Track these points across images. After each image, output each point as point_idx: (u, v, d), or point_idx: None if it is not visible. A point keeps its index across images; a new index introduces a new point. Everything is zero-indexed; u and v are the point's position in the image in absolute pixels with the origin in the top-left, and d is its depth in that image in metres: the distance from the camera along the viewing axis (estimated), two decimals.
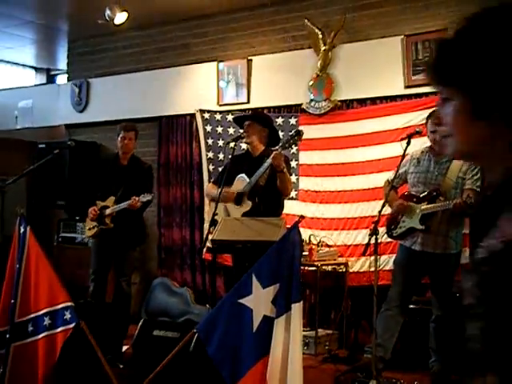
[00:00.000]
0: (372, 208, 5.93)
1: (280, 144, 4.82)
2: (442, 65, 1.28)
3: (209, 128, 7.15)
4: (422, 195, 4.69)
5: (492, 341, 1.20)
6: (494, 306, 1.22)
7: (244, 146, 5.38)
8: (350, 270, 6.12)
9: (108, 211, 5.46)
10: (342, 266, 6.15)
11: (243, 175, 4.94)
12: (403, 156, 4.64)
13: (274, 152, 4.66)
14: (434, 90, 4.68)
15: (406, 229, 4.74)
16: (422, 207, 4.63)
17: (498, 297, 1.20)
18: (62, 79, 10.14)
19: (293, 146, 5.88)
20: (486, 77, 1.19)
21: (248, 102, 6.99)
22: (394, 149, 5.65)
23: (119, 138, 5.59)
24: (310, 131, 6.42)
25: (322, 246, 6.17)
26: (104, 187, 5.58)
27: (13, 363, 3.94)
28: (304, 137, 6.21)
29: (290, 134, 5.03)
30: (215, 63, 7.21)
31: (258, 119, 5.16)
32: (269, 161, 4.70)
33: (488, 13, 1.24)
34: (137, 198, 5.24)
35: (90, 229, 5.61)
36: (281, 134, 5.93)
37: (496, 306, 1.21)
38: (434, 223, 4.60)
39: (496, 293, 1.20)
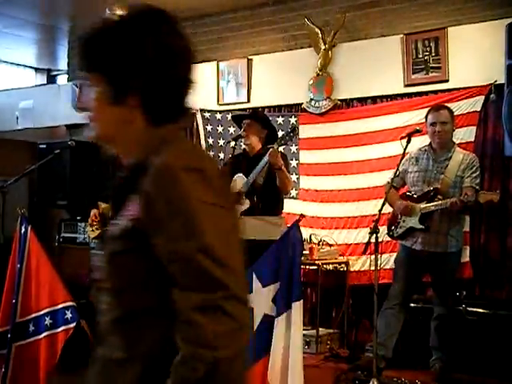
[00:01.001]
0: (372, 207, 5.93)
1: (277, 141, 4.80)
2: (87, 52, 1.45)
3: (209, 127, 7.15)
4: (420, 194, 4.69)
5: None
6: (119, 282, 1.31)
7: (244, 145, 5.37)
8: (351, 269, 6.12)
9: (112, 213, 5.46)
10: (342, 265, 6.15)
11: (241, 175, 4.94)
12: (403, 155, 4.65)
13: (270, 149, 4.64)
14: (434, 89, 4.70)
15: (406, 229, 4.75)
16: (421, 207, 4.63)
17: (123, 273, 1.29)
18: (62, 79, 10.14)
19: (289, 144, 5.86)
20: (121, 65, 1.35)
21: (248, 102, 6.99)
22: (395, 147, 5.65)
23: None
24: (310, 130, 6.44)
25: (322, 245, 6.17)
26: (105, 187, 5.59)
27: (14, 363, 3.96)
28: (304, 136, 6.26)
29: (286, 130, 5.03)
30: (215, 63, 7.21)
31: (258, 118, 5.16)
32: (265, 159, 4.69)
33: (128, 13, 1.44)
34: None
35: (93, 230, 5.61)
36: (281, 133, 5.94)
37: (120, 282, 1.31)
38: (433, 222, 4.60)
39: (121, 268, 1.28)
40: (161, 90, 1.39)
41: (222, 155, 6.93)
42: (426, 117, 4.78)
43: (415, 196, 4.74)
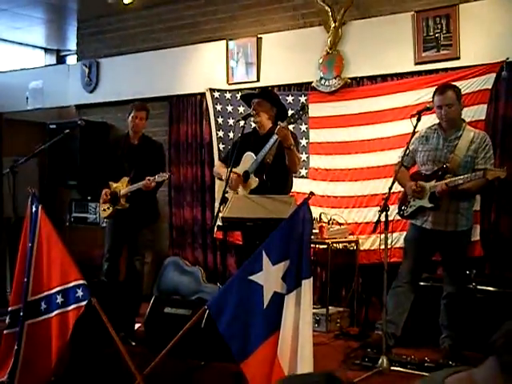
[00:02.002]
0: (383, 186, 5.92)
1: (286, 119, 4.77)
2: None
3: (219, 107, 7.14)
4: (430, 173, 4.67)
5: None
6: None
7: (254, 124, 5.36)
8: (361, 248, 6.13)
9: (123, 191, 5.48)
10: (352, 244, 6.15)
11: (250, 153, 4.93)
12: (413, 133, 4.62)
13: (279, 126, 4.61)
14: (445, 67, 4.68)
15: (416, 207, 4.73)
16: (431, 185, 4.62)
17: None
18: (71, 60, 10.14)
19: (299, 122, 5.84)
20: None
21: (258, 81, 6.96)
22: (405, 126, 5.63)
23: (130, 118, 5.59)
24: (320, 109, 6.41)
25: (332, 223, 6.18)
26: (115, 167, 5.60)
27: (27, 341, 4.00)
28: (314, 115, 6.23)
29: (296, 109, 5.01)
30: (224, 42, 7.18)
31: (267, 97, 5.14)
32: (275, 137, 4.68)
33: None
34: (151, 179, 5.25)
35: (104, 210, 5.63)
36: (290, 112, 5.92)
37: None
38: (443, 201, 4.58)
39: None
40: None
41: (231, 134, 6.92)
42: (433, 98, 4.75)
43: (425, 174, 4.72)
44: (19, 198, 5.46)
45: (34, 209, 4.16)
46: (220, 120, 7.13)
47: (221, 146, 7.09)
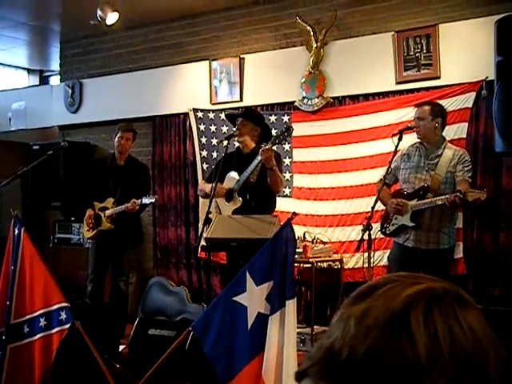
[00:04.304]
0: (366, 204, 5.94)
1: (270, 140, 4.80)
2: None
3: (202, 127, 7.16)
4: (411, 192, 4.71)
5: None
6: None
7: (237, 143, 5.38)
8: (345, 267, 6.14)
9: (108, 212, 5.46)
10: (337, 263, 6.16)
11: (234, 172, 4.95)
12: (395, 152, 4.66)
13: (263, 147, 4.63)
14: (426, 86, 4.72)
15: (398, 226, 4.76)
16: (412, 204, 4.65)
17: None
18: (54, 80, 10.13)
19: (284, 143, 5.89)
20: None
21: (241, 100, 6.99)
22: (388, 145, 5.67)
23: (116, 138, 5.60)
24: (302, 128, 6.45)
25: (316, 242, 6.19)
26: (100, 187, 5.59)
27: (9, 365, 3.96)
28: (297, 134, 6.27)
29: (281, 129, 5.04)
30: (207, 62, 7.21)
31: (250, 117, 5.17)
32: (259, 157, 4.70)
33: None
34: (137, 202, 5.25)
35: (88, 230, 5.61)
36: (274, 131, 5.95)
37: None
38: (424, 219, 4.61)
39: None
40: None
41: (215, 154, 6.94)
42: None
43: (407, 193, 4.75)
44: (2, 218, 5.43)
45: (16, 231, 4.14)
46: (203, 140, 7.15)
47: (204, 166, 7.10)
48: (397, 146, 4.60)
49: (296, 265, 5.70)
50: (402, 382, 0.69)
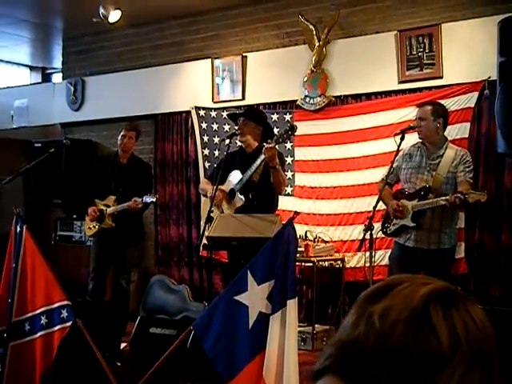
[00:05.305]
0: (368, 203, 5.94)
1: (274, 139, 4.80)
2: None
3: (204, 125, 7.16)
4: (413, 192, 4.70)
5: None
6: None
7: (240, 143, 5.38)
8: (347, 266, 6.14)
9: (110, 210, 5.46)
10: (338, 262, 6.16)
11: (236, 171, 4.95)
12: (397, 151, 4.66)
13: (266, 145, 4.62)
14: (428, 85, 4.72)
15: (399, 226, 4.75)
16: (413, 204, 4.64)
17: None
18: (57, 78, 10.14)
19: (287, 141, 5.89)
20: None
21: (243, 99, 6.99)
22: (389, 144, 5.65)
23: (119, 136, 5.60)
24: (304, 127, 6.44)
25: (318, 241, 6.19)
26: (102, 185, 5.59)
27: (10, 362, 3.96)
28: (299, 133, 6.26)
29: (284, 128, 5.03)
30: (210, 60, 7.21)
31: (252, 116, 5.16)
32: (262, 156, 4.69)
33: None
34: (138, 200, 5.25)
35: (90, 228, 5.61)
36: (276, 130, 5.96)
37: None
38: (425, 220, 4.60)
39: None
40: None
41: (216, 153, 6.94)
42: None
43: (408, 193, 4.74)
44: (4, 217, 5.43)
45: (18, 229, 4.14)
46: (205, 138, 7.15)
47: (206, 164, 7.10)
48: (399, 146, 4.60)
49: (297, 264, 5.69)
50: (426, 371, 0.78)
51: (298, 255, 4.45)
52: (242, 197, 4.87)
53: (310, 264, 5.95)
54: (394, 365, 0.78)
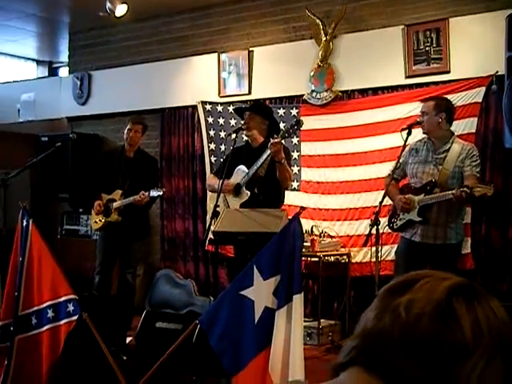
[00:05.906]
0: (374, 198, 5.93)
1: (280, 133, 4.79)
2: None
3: (210, 119, 7.15)
4: (419, 187, 4.68)
5: None
6: None
7: (246, 137, 5.37)
8: (353, 261, 6.13)
9: (116, 204, 5.47)
10: (344, 257, 6.16)
11: (242, 166, 4.94)
12: (404, 146, 4.64)
13: (273, 140, 4.62)
14: (436, 80, 4.71)
15: (406, 221, 4.73)
16: (419, 199, 4.62)
17: None
18: (63, 72, 10.15)
19: (293, 136, 5.87)
20: None
21: (249, 93, 6.98)
22: (396, 139, 5.63)
23: (126, 130, 5.61)
24: (311, 122, 6.43)
25: (324, 236, 6.19)
26: (109, 179, 5.60)
27: (17, 356, 3.97)
28: (305, 127, 6.25)
29: (290, 123, 5.03)
30: (216, 54, 7.20)
31: (259, 111, 5.16)
32: (268, 151, 4.68)
33: None
34: (145, 194, 5.25)
35: (96, 222, 5.62)
36: (282, 125, 5.95)
37: None
38: (432, 215, 4.58)
39: None
40: None
41: (223, 147, 6.94)
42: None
43: (414, 187, 4.73)
44: (10, 210, 5.44)
45: (24, 223, 4.14)
46: (212, 133, 7.14)
47: (212, 159, 7.09)
48: (406, 141, 4.59)
49: (303, 258, 5.70)
50: (451, 362, 0.82)
51: (303, 250, 4.44)
52: (248, 191, 4.86)
53: (316, 259, 5.95)
54: (419, 355, 0.81)
